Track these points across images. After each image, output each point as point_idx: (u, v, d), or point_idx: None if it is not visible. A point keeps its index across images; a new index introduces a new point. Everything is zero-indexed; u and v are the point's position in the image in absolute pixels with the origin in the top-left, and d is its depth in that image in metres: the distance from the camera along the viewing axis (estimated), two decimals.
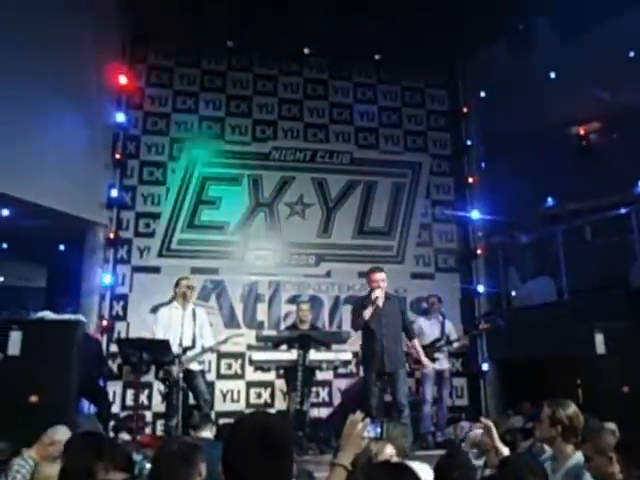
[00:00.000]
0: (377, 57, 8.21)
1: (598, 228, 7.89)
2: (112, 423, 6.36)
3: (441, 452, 3.32)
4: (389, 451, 3.06)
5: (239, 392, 7.24)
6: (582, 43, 6.89)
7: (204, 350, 5.78)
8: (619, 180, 8.16)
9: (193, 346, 5.64)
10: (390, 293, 5.56)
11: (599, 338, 5.38)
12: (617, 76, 7.37)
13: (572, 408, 3.00)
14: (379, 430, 5.57)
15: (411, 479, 1.80)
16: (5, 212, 6.83)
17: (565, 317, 6.85)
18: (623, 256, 7.12)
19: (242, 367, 7.24)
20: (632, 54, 7.51)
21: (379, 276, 5.40)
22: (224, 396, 7.20)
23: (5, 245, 7.93)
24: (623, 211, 7.31)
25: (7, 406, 4.65)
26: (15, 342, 4.75)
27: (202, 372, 5.97)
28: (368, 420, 2.18)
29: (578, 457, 2.93)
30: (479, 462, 3.44)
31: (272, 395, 7.26)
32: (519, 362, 7.27)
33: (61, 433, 3.83)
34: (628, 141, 8.20)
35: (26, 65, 6.08)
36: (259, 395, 7.28)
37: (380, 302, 5.29)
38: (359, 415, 2.11)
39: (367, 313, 5.29)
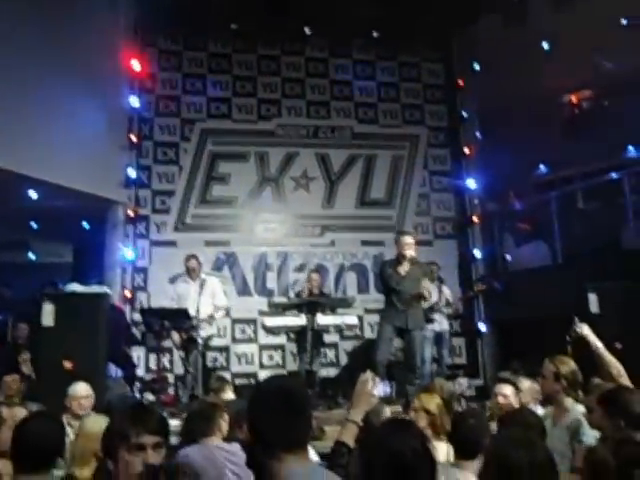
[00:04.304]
0: (375, 34, 7.70)
1: (590, 193, 7.50)
2: (138, 385, 6.29)
3: None
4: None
5: (253, 355, 7.09)
6: (572, 12, 6.41)
7: (202, 320, 5.55)
8: (610, 146, 7.72)
9: (197, 314, 5.47)
10: (417, 260, 5.19)
11: (593, 298, 5.11)
12: (608, 43, 6.86)
13: (572, 364, 2.90)
14: (388, 390, 5.36)
15: (413, 432, 1.63)
16: (32, 194, 6.63)
17: (559, 279, 6.59)
18: (614, 219, 6.78)
19: (255, 332, 7.08)
20: (624, 21, 6.97)
21: (406, 239, 5.13)
22: (239, 358, 7.05)
23: (35, 225, 7.75)
24: (614, 176, 6.92)
25: (44, 372, 4.70)
26: (48, 314, 4.73)
27: (207, 339, 5.75)
28: (378, 379, 2.13)
29: (578, 410, 2.78)
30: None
31: (283, 357, 7.10)
32: (515, 322, 7.00)
33: (79, 389, 3.70)
34: (619, 107, 7.72)
35: (44, 51, 5.87)
36: (271, 357, 7.12)
37: (407, 265, 5.02)
38: (369, 374, 2.07)
39: (402, 269, 5.02)
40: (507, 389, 3.37)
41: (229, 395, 4.32)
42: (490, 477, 1.61)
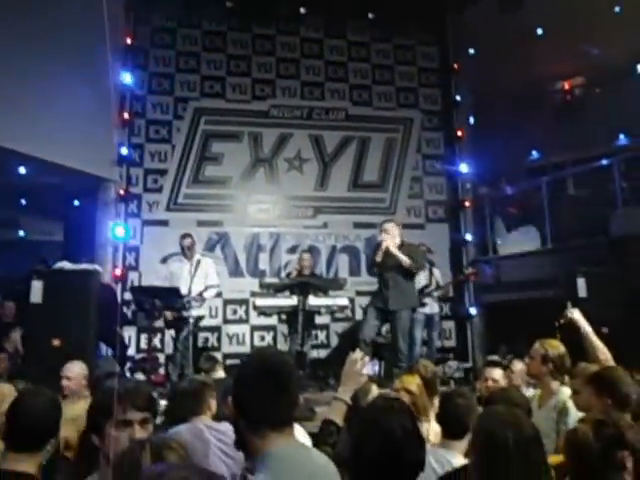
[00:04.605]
0: (371, 16, 7.58)
1: (580, 179, 7.51)
2: (128, 364, 6.25)
3: None
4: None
5: (244, 335, 7.05)
6: None
7: (193, 299, 5.46)
8: (601, 133, 7.70)
9: (189, 294, 5.41)
10: (407, 242, 5.35)
11: (581, 282, 5.14)
12: (602, 31, 6.80)
13: (562, 348, 2.91)
14: (376, 368, 5.39)
15: (402, 410, 1.61)
16: (22, 170, 6.51)
17: (548, 263, 6.63)
18: (603, 206, 6.78)
19: (246, 312, 7.04)
20: (617, 9, 6.90)
21: (384, 226, 5.34)
22: (230, 339, 7.01)
23: (24, 201, 7.61)
24: (604, 162, 6.92)
25: (32, 350, 4.62)
26: (37, 291, 4.62)
27: (197, 319, 5.65)
28: (367, 359, 2.12)
29: (564, 393, 2.80)
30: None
31: (274, 338, 7.06)
32: (504, 306, 7.05)
33: (76, 368, 3.59)
34: (610, 95, 7.68)
35: (35, 28, 5.69)
36: (262, 338, 7.08)
37: (390, 248, 5.11)
38: (358, 354, 2.07)
39: (377, 257, 5.17)
40: (497, 373, 3.40)
41: (220, 375, 4.30)
42: (477, 454, 1.60)
